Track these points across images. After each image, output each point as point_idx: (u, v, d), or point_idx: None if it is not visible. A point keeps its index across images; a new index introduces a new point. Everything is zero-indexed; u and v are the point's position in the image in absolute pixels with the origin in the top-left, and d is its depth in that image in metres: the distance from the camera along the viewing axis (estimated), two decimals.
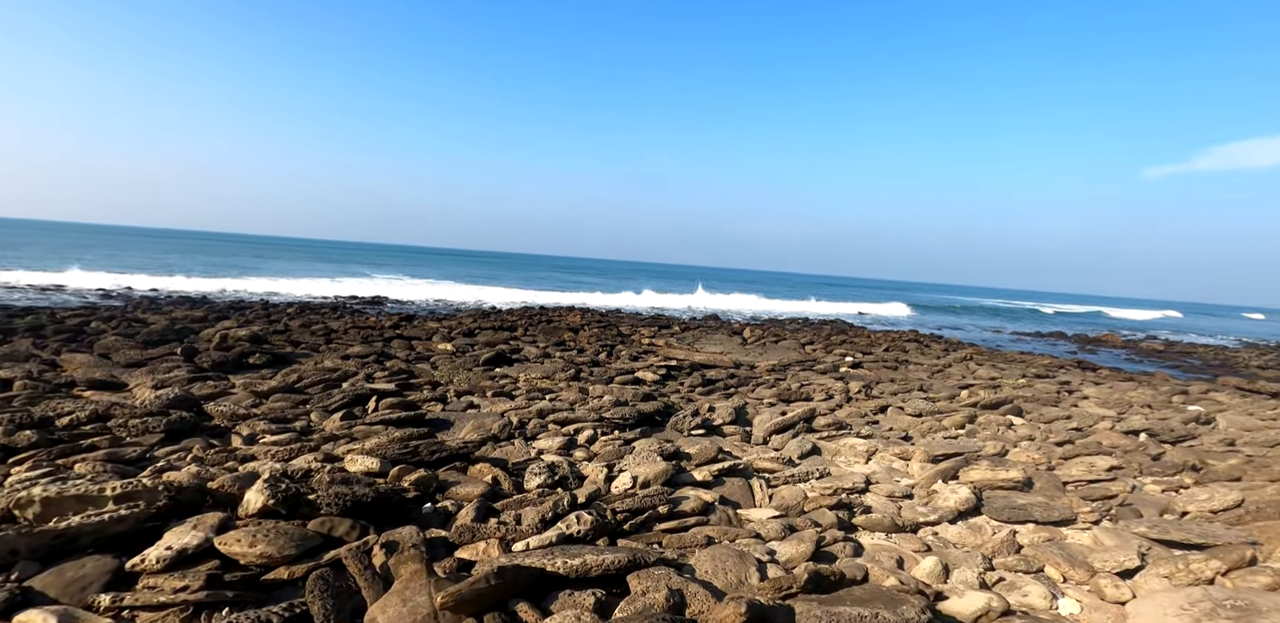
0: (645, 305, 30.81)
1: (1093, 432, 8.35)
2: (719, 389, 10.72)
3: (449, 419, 7.03)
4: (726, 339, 17.27)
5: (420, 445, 4.86)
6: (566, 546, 3.53)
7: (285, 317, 16.68)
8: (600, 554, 3.32)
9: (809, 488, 5.64)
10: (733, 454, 6.62)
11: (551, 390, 9.51)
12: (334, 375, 8.74)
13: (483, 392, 8.91)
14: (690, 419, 7.54)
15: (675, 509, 4.44)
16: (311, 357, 11.13)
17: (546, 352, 13.24)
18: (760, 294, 46.99)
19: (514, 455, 5.88)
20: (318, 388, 7.94)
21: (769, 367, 13.21)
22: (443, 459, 4.92)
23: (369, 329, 14.61)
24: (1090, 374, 15.42)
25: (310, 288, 26.99)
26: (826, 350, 16.20)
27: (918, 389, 11.79)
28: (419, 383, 9.38)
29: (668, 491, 4.64)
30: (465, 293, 30.72)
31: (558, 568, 3.20)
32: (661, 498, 4.46)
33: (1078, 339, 25.88)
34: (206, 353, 9.89)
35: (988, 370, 14.38)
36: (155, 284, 23.71)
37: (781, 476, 5.83)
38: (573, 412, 7.10)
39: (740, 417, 8.31)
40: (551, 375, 11.06)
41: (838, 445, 7.09)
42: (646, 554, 3.42)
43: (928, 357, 16.65)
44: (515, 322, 17.46)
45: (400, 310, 20.81)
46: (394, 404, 7.07)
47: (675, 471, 5.28)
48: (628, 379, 11.00)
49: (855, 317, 33.44)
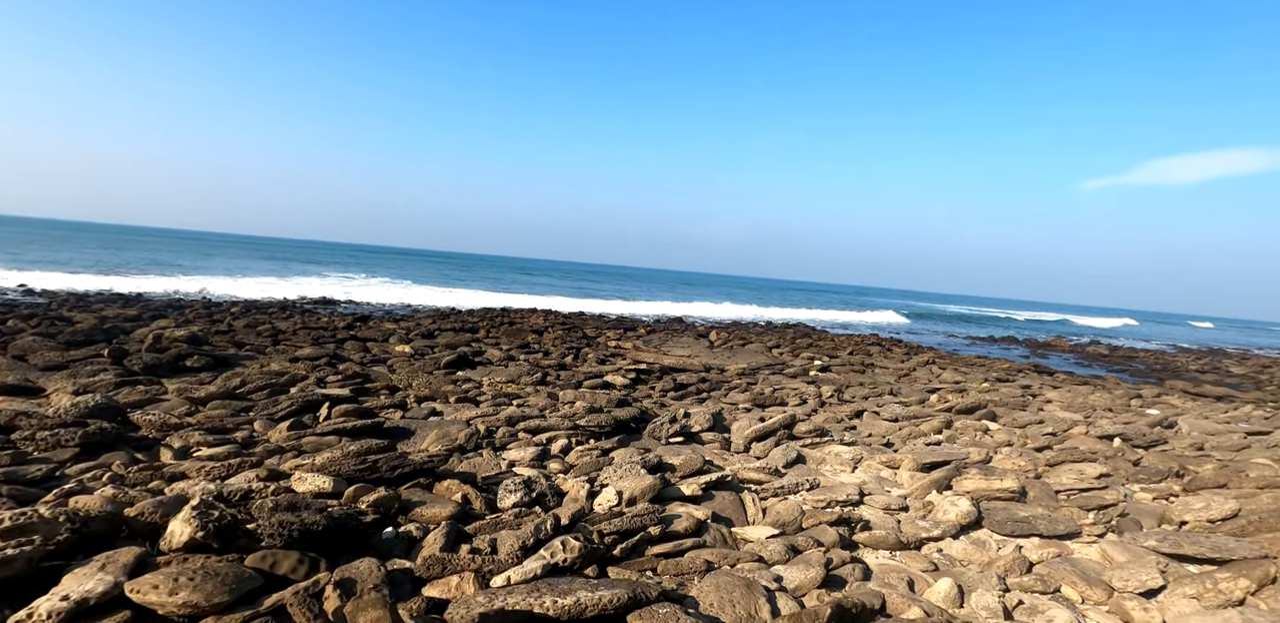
0: (612, 311, 30.30)
1: (1068, 436, 8.23)
2: (691, 394, 10.32)
3: (410, 428, 6.43)
4: (693, 342, 16.92)
5: (379, 460, 4.28)
6: (553, 579, 3.04)
7: (229, 316, 15.64)
8: (595, 591, 2.84)
9: (801, 501, 5.25)
10: (716, 465, 6.21)
11: (518, 396, 8.96)
12: (281, 380, 8.01)
13: (445, 397, 8.31)
14: (668, 426, 7.10)
15: (668, 529, 3.99)
16: (257, 359, 10.31)
17: (510, 354, 12.65)
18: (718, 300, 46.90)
19: (484, 469, 5.34)
20: (263, 394, 7.23)
21: (739, 370, 12.89)
22: (405, 475, 4.36)
23: (320, 330, 13.75)
24: (1048, 378, 15.57)
25: (259, 287, 25.65)
26: (794, 354, 15.99)
27: (888, 393, 11.62)
28: (375, 388, 8.71)
29: (657, 509, 4.18)
30: (424, 295, 29.70)
31: (547, 609, 2.71)
32: (652, 518, 4.00)
33: (1029, 344, 26.46)
34: (138, 355, 9.01)
35: (952, 374, 14.36)
36: (86, 281, 22.13)
37: (770, 487, 5.44)
38: (544, 419, 6.59)
39: (718, 423, 7.91)
40: (517, 379, 10.49)
41: (822, 454, 6.75)
42: (647, 589, 2.95)
43: (892, 360, 16.60)
44: (476, 323, 16.77)
45: (355, 311, 19.85)
46: (349, 412, 6.44)
47: (661, 484, 4.83)
48: (597, 383, 10.51)
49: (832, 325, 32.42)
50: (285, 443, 5.44)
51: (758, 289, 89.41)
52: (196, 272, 31.01)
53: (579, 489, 4.54)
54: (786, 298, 63.38)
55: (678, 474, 5.40)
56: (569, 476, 5.39)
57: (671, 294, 51.67)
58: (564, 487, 4.66)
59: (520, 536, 3.49)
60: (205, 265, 36.82)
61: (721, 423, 8.05)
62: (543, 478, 4.69)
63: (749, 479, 5.74)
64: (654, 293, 51.34)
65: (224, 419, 6.15)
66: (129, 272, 27.48)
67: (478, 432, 6.14)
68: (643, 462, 5.28)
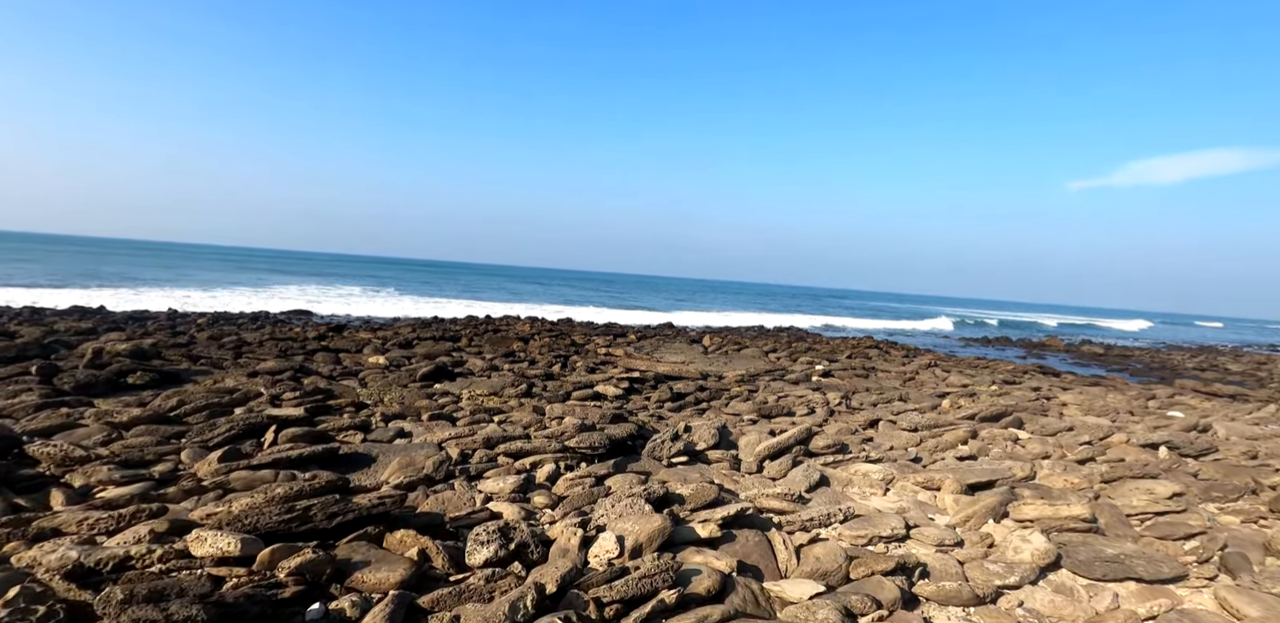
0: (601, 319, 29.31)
1: (1108, 445, 7.36)
2: (690, 404, 9.37)
3: (370, 454, 5.42)
4: (686, 348, 15.98)
5: (313, 506, 3.29)
6: None
7: (194, 328, 14.49)
8: None
9: (838, 536, 4.32)
10: (730, 491, 5.26)
11: (500, 411, 7.96)
12: (228, 398, 6.96)
13: (417, 414, 7.29)
14: (670, 445, 6.15)
15: (685, 592, 3.03)
16: (212, 374, 9.23)
17: (494, 364, 11.63)
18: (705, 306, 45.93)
19: (454, 506, 4.35)
20: (201, 415, 6.18)
21: (737, 377, 11.96)
22: (348, 524, 3.36)
23: (289, 341, 12.65)
24: (1055, 379, 14.78)
25: (232, 298, 24.40)
26: (792, 358, 15.10)
27: (898, 399, 10.74)
28: (339, 405, 7.68)
29: (670, 563, 3.21)
30: (408, 305, 28.55)
31: None
32: (665, 577, 3.04)
33: (1023, 345, 25.79)
34: (72, 372, 7.92)
35: (958, 377, 13.51)
36: (49, 295, 20.82)
37: (797, 519, 4.49)
38: (529, 441, 5.60)
39: (724, 439, 6.96)
40: (500, 391, 9.49)
41: (847, 474, 5.81)
42: None
43: (892, 363, 15.76)
44: (459, 332, 15.73)
45: (330, 321, 18.71)
46: (298, 437, 5.42)
47: (671, 522, 3.87)
48: (587, 394, 9.54)
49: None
50: (211, 479, 4.42)
51: (739, 294, 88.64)
52: (167, 284, 29.65)
53: (569, 536, 3.56)
54: (770, 303, 62.58)
55: (688, 507, 4.44)
56: (558, 510, 4.41)
57: (657, 300, 50.65)
58: (551, 533, 3.67)
59: (491, 615, 2.52)
60: (177, 277, 35.38)
61: (728, 438, 7.11)
62: (523, 522, 3.71)
63: (770, 508, 4.79)
64: (639, 299, 50.29)
65: (147, 449, 5.11)
66: (93, 284, 26.11)
67: (448, 458, 5.14)
68: (645, 493, 4.31)
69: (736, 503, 4.39)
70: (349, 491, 4.59)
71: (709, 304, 49.09)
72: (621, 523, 3.77)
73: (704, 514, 4.23)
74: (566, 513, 4.33)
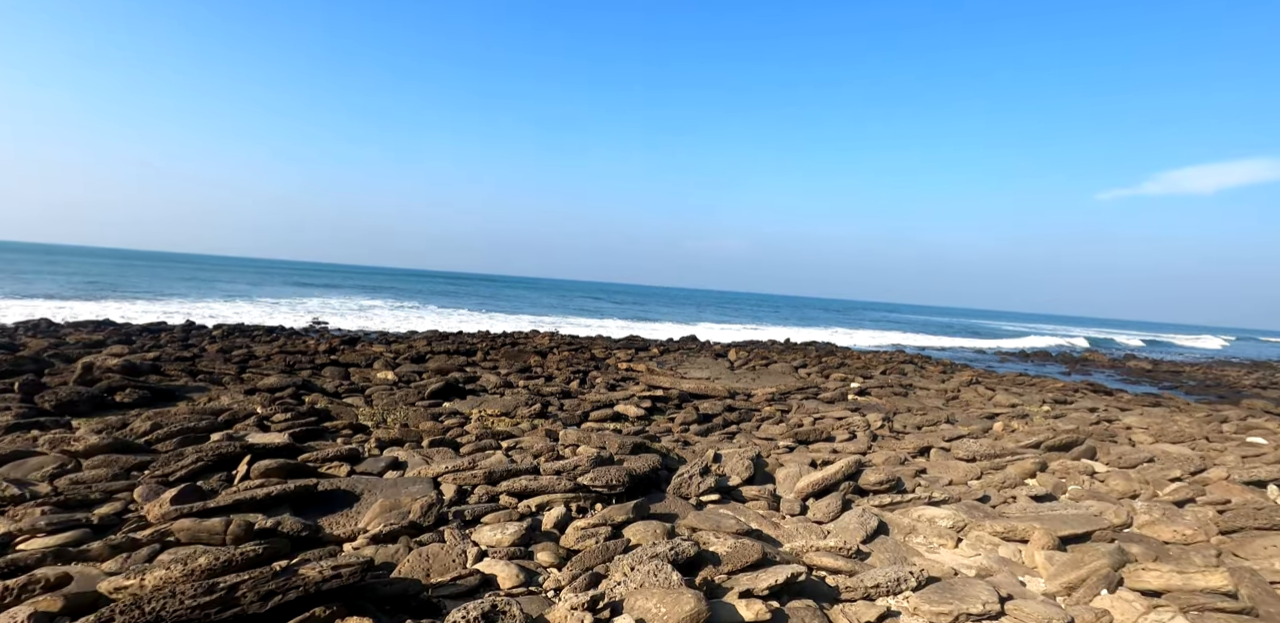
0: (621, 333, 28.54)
1: (1203, 482, 6.33)
2: (718, 427, 8.49)
3: (354, 490, 4.64)
4: (711, 363, 15.09)
5: (241, 586, 2.51)
6: None
7: (207, 340, 13.98)
8: None
9: (911, 609, 3.42)
10: (769, 537, 4.38)
11: (511, 435, 7.17)
12: (210, 421, 6.27)
13: (418, 439, 6.52)
14: (699, 480, 5.28)
15: None
16: (207, 391, 8.59)
17: (508, 380, 10.87)
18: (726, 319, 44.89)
19: (439, 565, 3.54)
20: (172, 442, 5.47)
21: (768, 395, 11.05)
22: (288, 607, 2.57)
23: (298, 355, 12.04)
24: (1109, 398, 13.60)
25: (252, 311, 24.09)
26: (824, 375, 14.12)
27: (944, 422, 9.73)
28: (336, 427, 6.95)
29: None
30: (430, 320, 28.06)
31: None
32: None
33: (1063, 360, 24.34)
34: (57, 389, 7.31)
35: (1005, 396, 12.42)
36: (65, 307, 20.64)
37: (859, 585, 3.60)
38: (536, 477, 4.77)
39: (759, 471, 6.08)
40: (512, 411, 8.71)
41: (910, 519, 4.90)
42: None
43: (930, 380, 14.69)
44: (475, 345, 15.03)
45: (346, 334, 18.16)
46: (273, 470, 4.66)
47: (705, 594, 3.01)
48: (607, 415, 8.71)
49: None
50: (157, 526, 3.67)
51: (760, 306, 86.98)
52: (191, 296, 29.54)
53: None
54: (796, 316, 61.12)
55: (724, 569, 3.58)
56: (565, 572, 3.57)
57: (679, 313, 49.72)
58: (552, 617, 2.83)
59: None
60: (203, 290, 35.38)
61: (763, 470, 6.22)
62: (517, 601, 2.88)
63: (823, 566, 3.91)
64: (660, 312, 49.39)
65: (95, 485, 4.39)
66: (114, 296, 26.01)
67: (440, 499, 4.33)
68: (672, 554, 3.46)
69: (785, 566, 3.51)
70: (317, 541, 3.82)
71: (731, 317, 48.05)
72: (642, 600, 2.92)
73: (745, 580, 3.37)
74: (575, 575, 3.49)
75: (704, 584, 3.21)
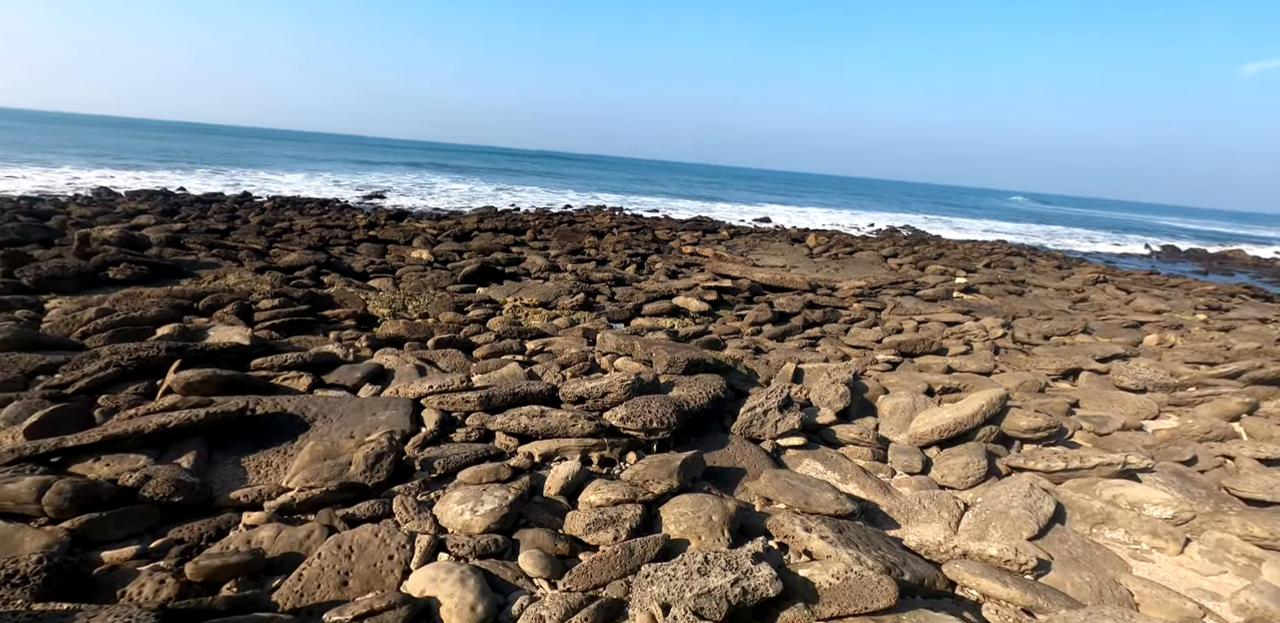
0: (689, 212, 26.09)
1: None
2: (797, 331, 6.75)
3: (303, 415, 3.27)
4: (788, 249, 13.03)
5: None
6: None
7: (254, 212, 12.95)
8: None
9: None
10: (885, 515, 2.79)
11: (542, 333, 5.68)
12: (174, 307, 5.02)
13: (423, 339, 5.13)
14: (777, 418, 3.67)
15: None
16: (218, 267, 7.44)
17: (555, 263, 9.32)
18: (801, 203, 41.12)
19: (361, 573, 2.12)
20: (103, 337, 4.22)
21: (855, 290, 9.11)
22: None
23: (336, 229, 10.78)
24: (1272, 306, 10.91)
25: (313, 184, 23.09)
26: (918, 266, 11.89)
27: (1080, 331, 7.63)
28: (336, 316, 5.64)
29: None
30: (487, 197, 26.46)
31: None
32: None
33: (1194, 256, 20.52)
34: (41, 263, 6.25)
35: (1147, 300, 9.98)
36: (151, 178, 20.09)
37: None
38: (544, 414, 3.23)
39: (856, 399, 4.40)
40: (552, 300, 7.22)
41: (1101, 502, 3.16)
42: None
43: (1046, 277, 12.23)
44: (528, 223, 13.42)
45: (396, 209, 16.85)
46: (197, 383, 3.32)
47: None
48: (663, 308, 7.11)
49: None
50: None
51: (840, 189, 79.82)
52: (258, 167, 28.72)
53: None
54: (882, 201, 55.32)
55: (823, 611, 2.03)
56: (556, 601, 2.10)
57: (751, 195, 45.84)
58: None
59: None
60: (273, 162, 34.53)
61: (861, 395, 4.53)
62: None
63: (982, 592, 2.32)
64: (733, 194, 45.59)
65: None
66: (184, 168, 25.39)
67: (404, 439, 2.89)
68: (737, 593, 1.90)
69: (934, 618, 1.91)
70: (205, 507, 2.48)
71: (808, 200, 44.10)
72: None
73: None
74: (571, 610, 2.01)
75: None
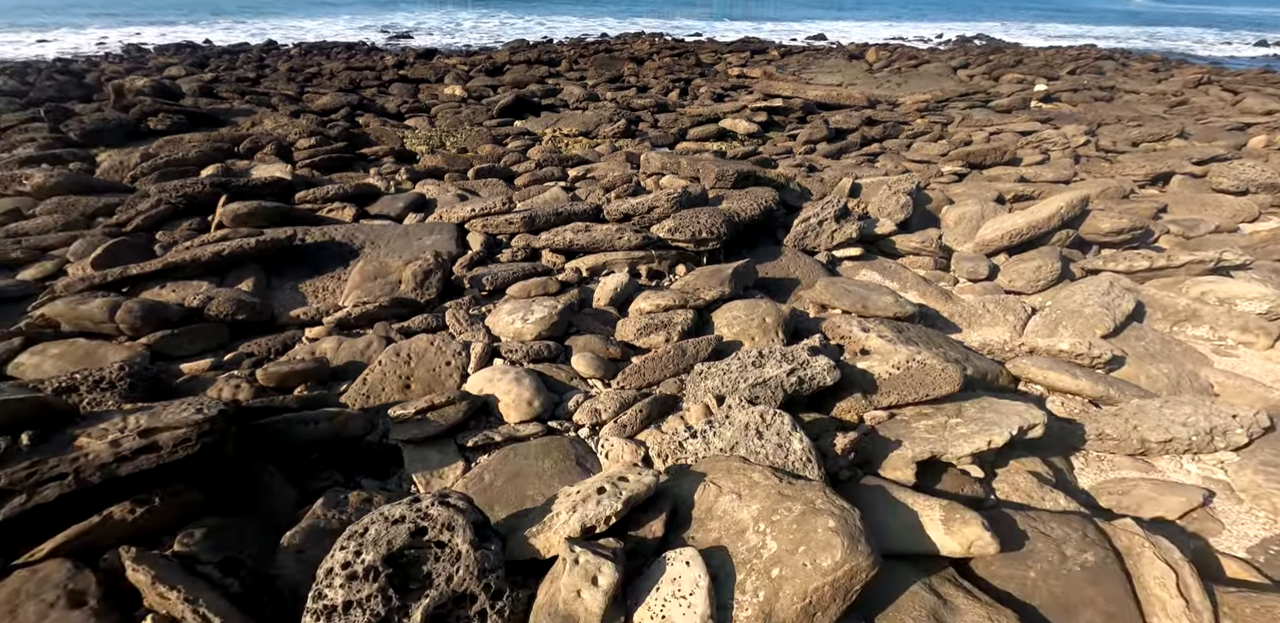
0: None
1: None
2: (854, 148, 6.16)
3: (351, 243, 3.23)
4: (845, 66, 11.58)
5: None
6: None
7: (282, 60, 12.19)
8: None
9: (1234, 485, 1.76)
10: (944, 320, 2.65)
11: (584, 160, 5.36)
12: (215, 150, 4.88)
13: (463, 170, 4.89)
14: (833, 228, 3.41)
15: None
16: (253, 114, 7.14)
17: (594, 93, 8.58)
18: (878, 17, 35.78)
19: (422, 376, 2.17)
20: (151, 178, 4.15)
21: (919, 104, 8.13)
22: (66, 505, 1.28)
23: (365, 71, 10.09)
24: None
25: (338, 28, 21.39)
26: (992, 76, 10.45)
27: (1175, 135, 6.71)
28: (375, 154, 5.41)
29: None
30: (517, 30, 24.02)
31: None
32: None
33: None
34: (84, 117, 6.12)
35: (1257, 100, 8.59)
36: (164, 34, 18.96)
37: (1128, 437, 1.91)
38: (590, 229, 3.07)
39: (918, 210, 4.05)
40: (593, 129, 6.73)
41: (1186, 299, 2.89)
42: None
43: (1140, 81, 10.60)
44: (562, 53, 12.22)
45: (425, 48, 15.56)
46: (245, 215, 3.27)
47: (850, 474, 1.46)
48: (709, 132, 6.56)
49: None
50: (48, 302, 2.46)
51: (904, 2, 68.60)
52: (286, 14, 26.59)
53: (583, 580, 1.26)
54: (950, 10, 47.70)
55: (880, 401, 1.97)
56: (610, 395, 2.11)
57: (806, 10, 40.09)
58: (543, 544, 1.39)
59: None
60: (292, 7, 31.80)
61: (923, 207, 4.17)
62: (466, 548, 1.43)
63: (1047, 385, 2.22)
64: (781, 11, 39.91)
65: (33, 237, 3.23)
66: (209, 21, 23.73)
67: (451, 259, 2.82)
68: (793, 382, 1.84)
69: (999, 407, 1.83)
70: (269, 325, 2.53)
71: (869, 13, 38.43)
72: (732, 504, 1.39)
73: (926, 438, 1.76)
74: (624, 404, 2.01)
75: (848, 455, 1.63)
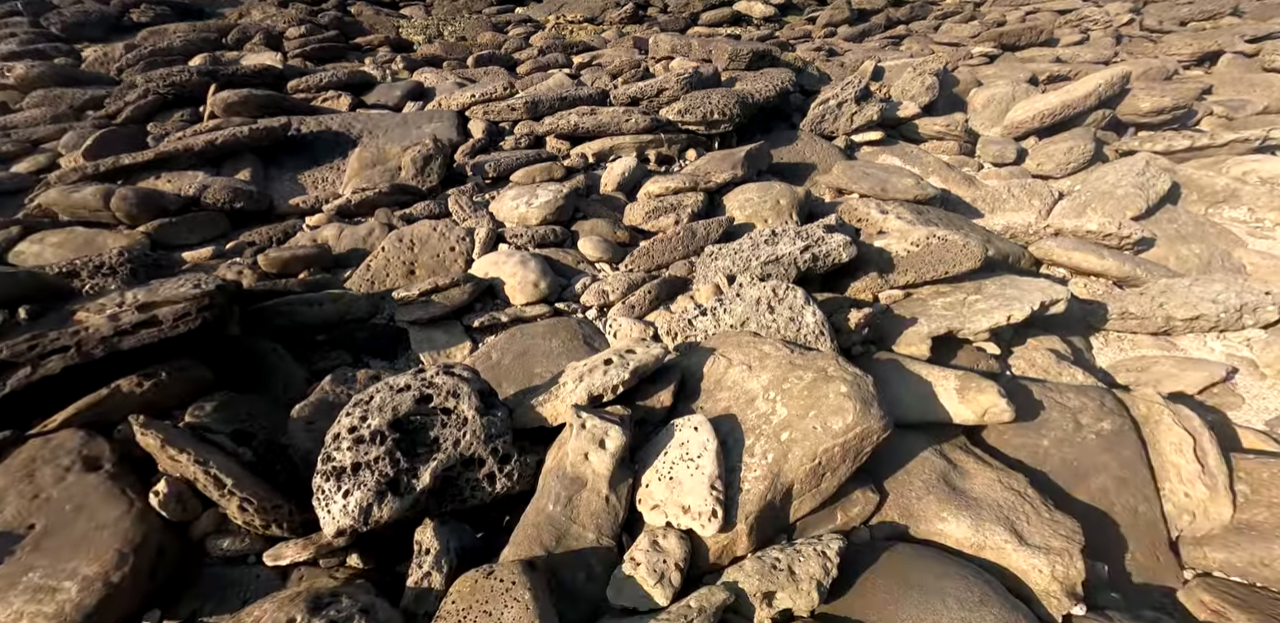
0: None
1: None
2: (878, 30, 5.62)
3: (348, 132, 3.05)
4: None
5: None
6: None
7: None
8: None
9: (1258, 362, 1.70)
10: (966, 205, 2.50)
11: (589, 46, 4.95)
12: (200, 40, 4.54)
13: (462, 58, 4.54)
14: (852, 110, 3.15)
15: None
16: (240, 4, 6.60)
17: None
18: None
19: (426, 261, 2.10)
20: (136, 69, 3.89)
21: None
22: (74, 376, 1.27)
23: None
24: None
25: None
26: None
27: (1228, 13, 6.02)
28: (369, 44, 5.03)
29: None
30: None
31: None
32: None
33: None
34: (63, 9, 5.68)
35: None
36: None
37: (1153, 315, 1.84)
38: (595, 112, 2.85)
39: (945, 93, 3.72)
40: (598, 14, 6.18)
41: (1224, 180, 2.68)
42: None
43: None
44: None
45: None
46: (236, 103, 3.06)
47: (864, 347, 1.42)
48: (723, 16, 6.00)
49: None
50: (42, 193, 2.37)
51: None
52: None
53: (586, 449, 1.25)
54: None
55: (897, 280, 1.88)
56: (619, 276, 2.04)
57: None
58: (549, 409, 1.37)
59: None
60: None
61: (951, 90, 3.83)
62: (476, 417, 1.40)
63: (1074, 267, 2.11)
64: None
65: (22, 130, 3.08)
66: None
67: (452, 146, 2.65)
68: (807, 258, 1.74)
69: (1018, 283, 1.74)
70: (267, 214, 2.44)
71: None
72: (742, 375, 1.36)
73: (943, 314, 1.70)
74: (633, 285, 1.95)
75: (862, 330, 1.56)
